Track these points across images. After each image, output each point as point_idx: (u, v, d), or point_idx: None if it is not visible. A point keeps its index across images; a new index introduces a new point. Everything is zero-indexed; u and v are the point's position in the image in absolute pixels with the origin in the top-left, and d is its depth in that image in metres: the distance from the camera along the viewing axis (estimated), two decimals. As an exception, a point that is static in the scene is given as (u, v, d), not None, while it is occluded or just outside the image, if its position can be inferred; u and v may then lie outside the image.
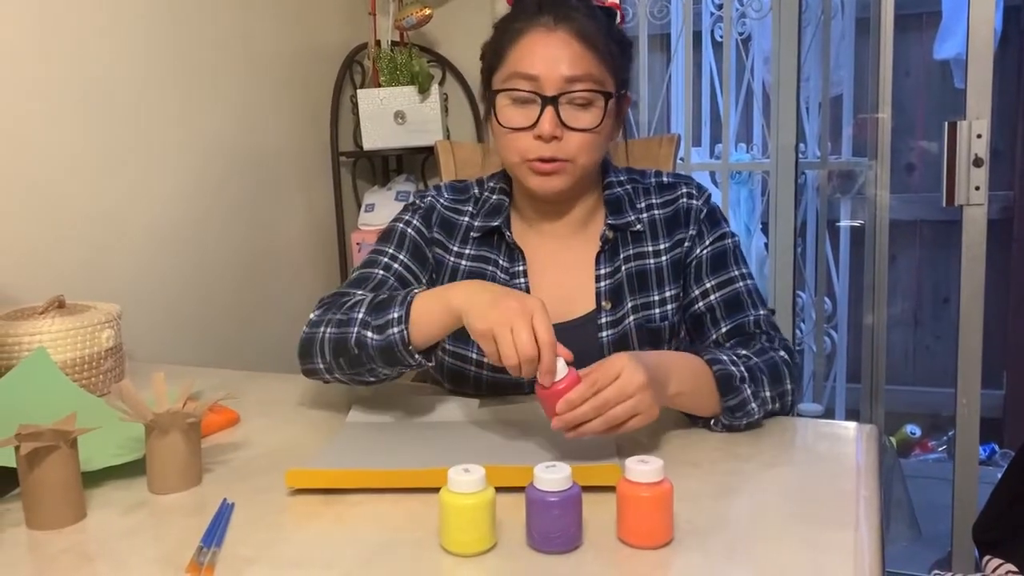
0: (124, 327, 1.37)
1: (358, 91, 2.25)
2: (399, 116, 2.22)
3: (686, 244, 1.19)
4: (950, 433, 2.71)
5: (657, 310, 1.17)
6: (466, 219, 1.23)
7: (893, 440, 2.99)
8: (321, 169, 2.30)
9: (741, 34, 2.88)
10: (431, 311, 0.98)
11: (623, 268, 1.18)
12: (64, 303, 1.32)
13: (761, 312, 1.16)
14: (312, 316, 1.11)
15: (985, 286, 1.86)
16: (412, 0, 2.19)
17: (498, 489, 0.76)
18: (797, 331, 2.51)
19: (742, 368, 1.02)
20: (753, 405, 1.01)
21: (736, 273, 1.18)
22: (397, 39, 2.29)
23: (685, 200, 1.20)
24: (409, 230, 1.22)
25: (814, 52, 2.64)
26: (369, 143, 2.24)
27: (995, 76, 1.79)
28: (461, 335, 1.17)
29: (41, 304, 1.30)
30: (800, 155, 2.37)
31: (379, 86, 2.26)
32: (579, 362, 0.93)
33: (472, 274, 1.19)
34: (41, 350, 1.20)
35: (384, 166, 2.48)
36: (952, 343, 1.93)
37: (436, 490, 0.76)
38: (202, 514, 0.84)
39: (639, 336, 1.15)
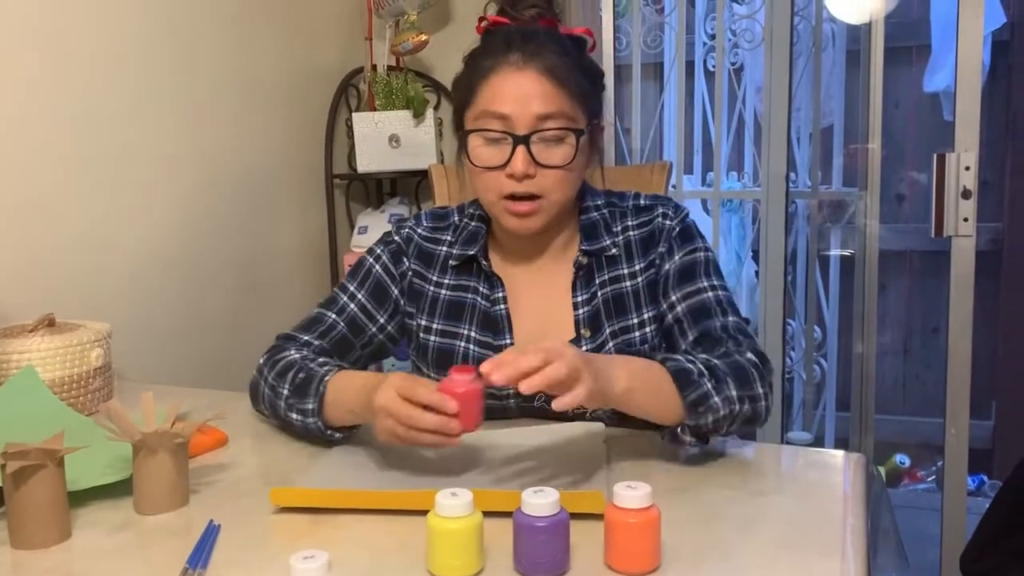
0: (114, 346, 1.37)
1: (353, 114, 2.26)
2: (394, 139, 2.23)
3: (658, 263, 1.17)
4: (939, 463, 2.72)
5: (636, 333, 1.16)
6: (445, 248, 1.22)
7: (882, 469, 2.99)
8: (315, 191, 2.31)
9: (733, 64, 2.91)
10: (340, 405, 1.04)
11: (599, 293, 1.17)
12: (54, 321, 1.32)
13: (730, 319, 1.12)
14: (260, 360, 1.17)
15: (974, 317, 1.87)
16: (409, 26, 2.21)
17: (485, 513, 0.76)
18: (787, 359, 2.52)
19: (700, 365, 0.98)
20: (716, 399, 0.96)
21: (704, 284, 1.15)
22: (393, 64, 2.31)
23: (660, 220, 1.18)
24: (376, 266, 1.23)
25: (805, 83, 2.67)
26: (363, 166, 2.25)
27: (983, 109, 1.82)
28: (441, 361, 1.18)
29: (31, 322, 1.30)
30: (791, 184, 2.39)
31: (374, 110, 2.27)
32: None
33: (453, 303, 1.19)
34: (29, 368, 1.19)
35: (378, 189, 2.49)
36: (941, 373, 1.94)
37: (424, 513, 0.76)
38: (188, 535, 0.84)
39: None
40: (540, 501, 0.73)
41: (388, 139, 2.23)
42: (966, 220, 1.84)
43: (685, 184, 2.62)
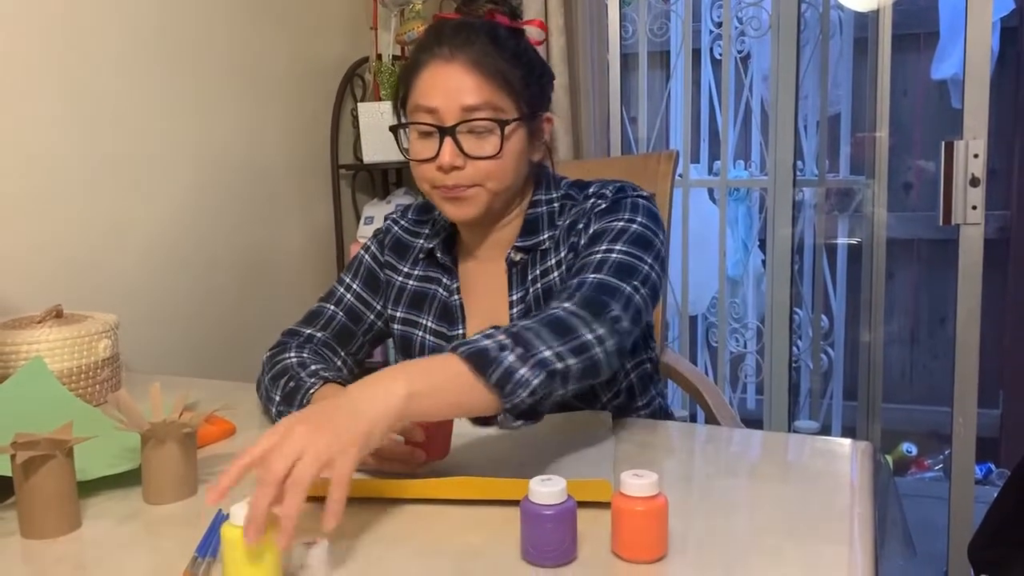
0: (121, 337, 1.37)
1: (359, 104, 2.26)
2: (399, 130, 2.22)
3: (576, 243, 1.12)
4: (946, 452, 2.71)
5: None
6: (421, 241, 1.25)
7: (889, 458, 2.99)
8: (321, 181, 2.31)
9: (740, 52, 2.90)
10: None
11: (531, 290, 1.14)
12: (62, 313, 1.32)
13: (593, 276, 0.99)
14: (265, 356, 1.21)
15: (982, 305, 1.87)
16: (414, 15, 2.21)
17: (493, 501, 0.76)
18: (794, 348, 2.52)
19: (500, 338, 0.86)
20: (524, 371, 0.84)
21: (602, 247, 1.04)
22: (398, 53, 2.30)
23: (593, 202, 1.12)
24: (367, 257, 1.28)
25: (812, 71, 2.66)
26: (369, 156, 2.25)
27: (992, 96, 1.81)
28: (404, 348, 1.22)
29: (39, 313, 1.31)
30: (798, 173, 2.38)
31: (380, 100, 2.27)
32: None
33: (417, 293, 1.22)
34: (38, 359, 1.20)
35: (384, 179, 2.49)
36: (949, 362, 1.93)
37: (433, 501, 0.76)
38: (197, 525, 0.84)
39: None
40: (547, 489, 0.73)
41: (394, 129, 2.22)
42: (974, 208, 1.84)
43: (692, 173, 2.61)
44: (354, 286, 1.26)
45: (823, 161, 2.65)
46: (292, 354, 1.17)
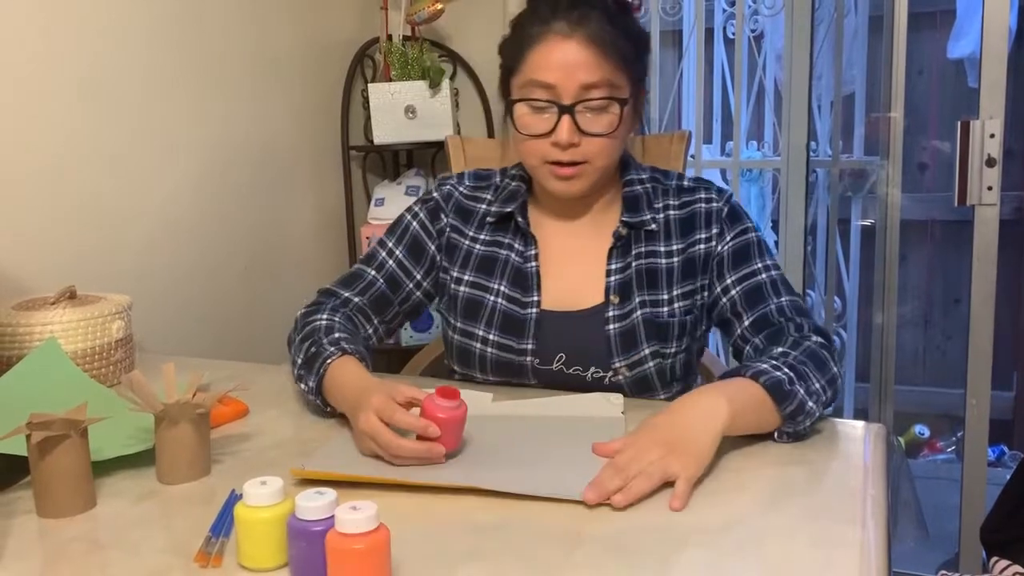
0: (134, 318, 1.38)
1: (369, 85, 2.25)
2: (410, 110, 2.22)
3: (702, 245, 1.18)
4: (959, 434, 2.70)
5: (665, 308, 1.17)
6: (483, 206, 1.25)
7: (901, 440, 2.98)
8: (331, 163, 2.31)
9: (753, 31, 2.87)
10: (332, 394, 1.06)
11: (634, 264, 1.18)
12: (75, 294, 1.33)
13: (784, 299, 1.13)
14: (299, 313, 1.21)
15: (996, 287, 1.85)
16: (424, -5, 2.19)
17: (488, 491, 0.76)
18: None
19: (786, 370, 0.98)
20: (811, 404, 0.98)
21: (758, 265, 1.16)
22: (408, 34, 2.29)
23: (703, 204, 1.20)
24: (414, 223, 1.26)
25: (827, 50, 2.63)
26: (380, 137, 2.24)
27: (1009, 75, 1.78)
28: (469, 312, 1.20)
29: (52, 294, 1.31)
30: (811, 153, 2.36)
31: (390, 80, 2.26)
32: (585, 352, 1.07)
33: (486, 257, 1.22)
34: (52, 340, 1.21)
35: (394, 160, 2.49)
36: (963, 344, 1.92)
37: (453, 491, 0.76)
38: (211, 504, 0.85)
39: (647, 331, 1.15)
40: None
41: (404, 110, 2.22)
42: (990, 189, 1.82)
43: (704, 154, 2.59)
44: (397, 252, 1.25)
45: (837, 142, 2.62)
46: (324, 316, 1.16)
